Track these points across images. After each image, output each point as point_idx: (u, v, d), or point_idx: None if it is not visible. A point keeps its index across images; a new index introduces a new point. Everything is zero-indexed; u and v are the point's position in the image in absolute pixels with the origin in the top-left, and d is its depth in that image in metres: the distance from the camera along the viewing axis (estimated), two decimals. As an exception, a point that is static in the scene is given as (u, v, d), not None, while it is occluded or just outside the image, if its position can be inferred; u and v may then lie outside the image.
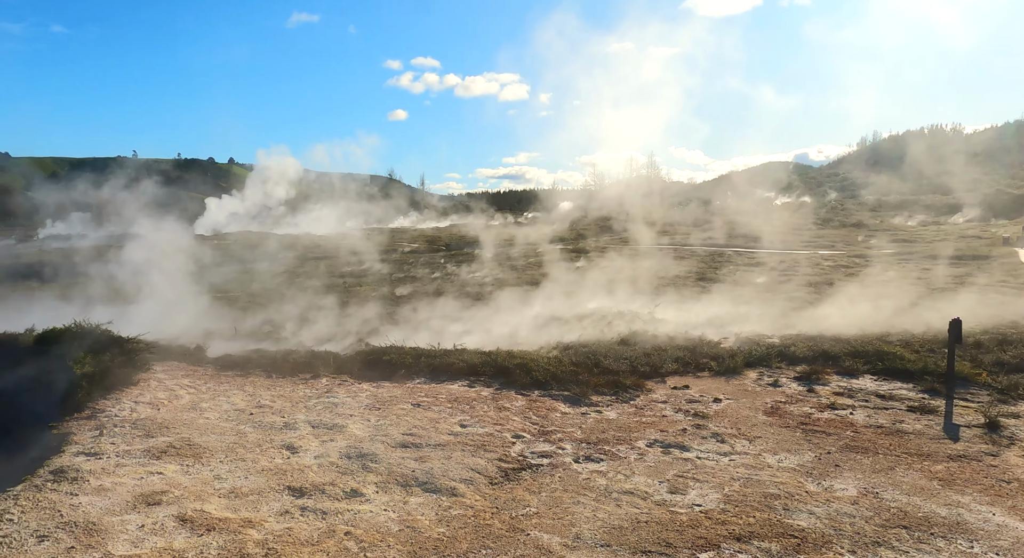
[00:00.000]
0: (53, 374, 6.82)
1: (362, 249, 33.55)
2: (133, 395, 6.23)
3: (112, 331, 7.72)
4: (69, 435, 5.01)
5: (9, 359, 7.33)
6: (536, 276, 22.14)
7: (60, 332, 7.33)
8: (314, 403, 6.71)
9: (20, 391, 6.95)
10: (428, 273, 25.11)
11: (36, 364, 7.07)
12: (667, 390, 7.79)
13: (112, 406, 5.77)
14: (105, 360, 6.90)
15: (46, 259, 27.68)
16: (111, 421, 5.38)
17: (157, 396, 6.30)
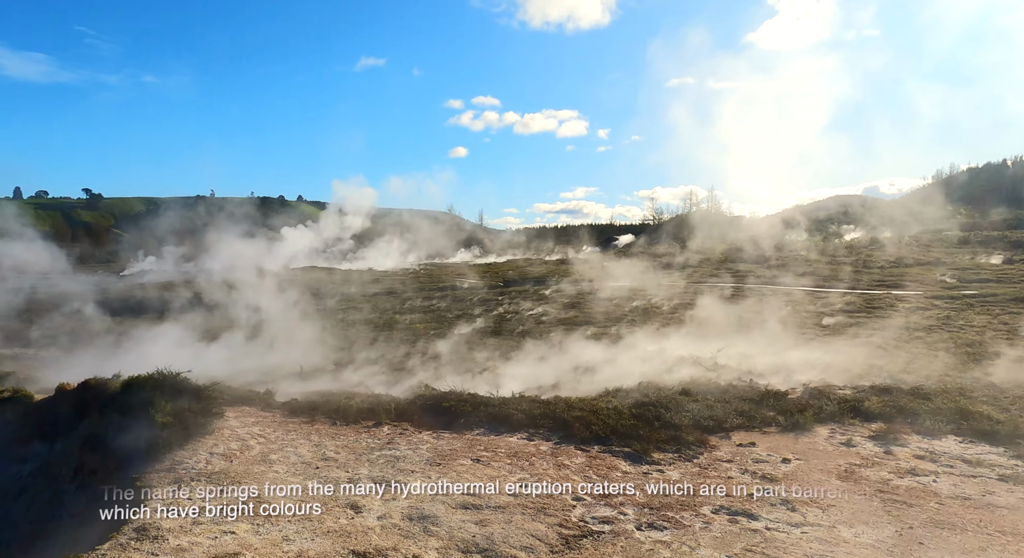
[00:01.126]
0: (137, 421, 7.22)
1: (422, 285, 34.24)
2: (208, 445, 6.53)
3: (190, 379, 8.13)
4: (151, 488, 5.29)
5: (100, 404, 7.82)
6: (595, 314, 22.00)
7: (144, 379, 7.79)
8: (376, 456, 6.84)
9: (109, 437, 7.38)
10: (485, 310, 25.32)
11: (123, 410, 7.51)
12: (732, 447, 7.54)
13: (189, 457, 6.07)
14: (183, 408, 7.27)
15: (129, 295, 29.47)
16: (188, 473, 5.66)
17: (230, 447, 6.58)
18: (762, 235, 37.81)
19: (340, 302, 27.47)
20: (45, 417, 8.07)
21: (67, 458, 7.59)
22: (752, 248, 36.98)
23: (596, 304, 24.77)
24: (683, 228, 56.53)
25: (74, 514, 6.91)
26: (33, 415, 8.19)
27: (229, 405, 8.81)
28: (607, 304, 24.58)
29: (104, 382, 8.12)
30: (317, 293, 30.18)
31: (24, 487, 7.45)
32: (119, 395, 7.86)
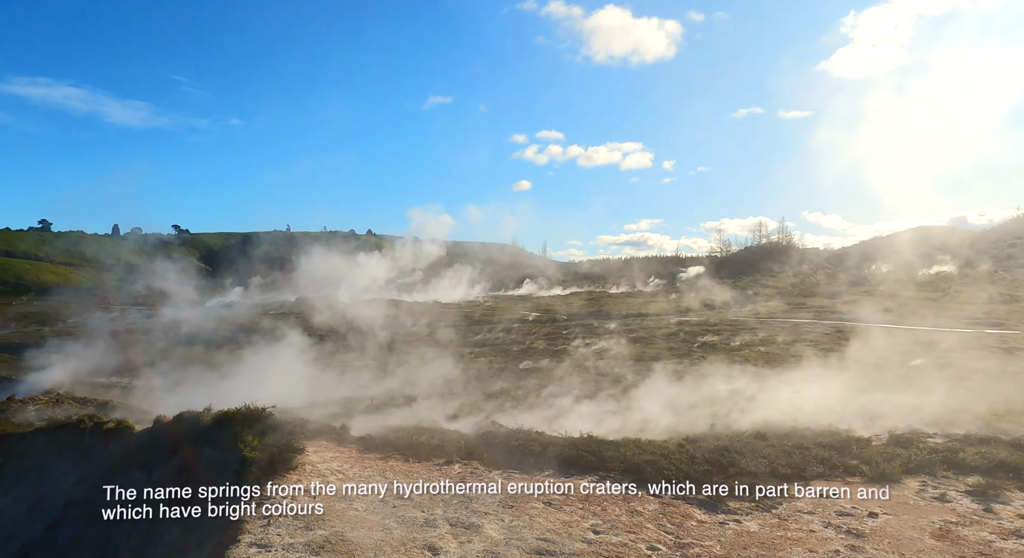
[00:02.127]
0: (227, 454, 7.65)
1: (487, 318, 34.63)
2: (292, 480, 6.84)
3: (274, 414, 8.55)
4: (243, 523, 5.59)
5: (192, 437, 8.33)
6: (663, 349, 21.64)
7: (232, 414, 8.26)
8: (450, 496, 6.97)
9: (201, 469, 7.84)
10: (549, 344, 25.34)
11: (214, 444, 7.98)
12: (813, 498, 7.25)
13: (276, 493, 6.39)
14: (269, 444, 7.64)
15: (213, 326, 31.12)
16: (276, 510, 5.95)
17: (313, 483, 6.88)
18: (839, 268, 36.33)
19: (407, 335, 28.11)
20: (144, 447, 8.65)
21: (163, 487, 8.06)
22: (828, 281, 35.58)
23: (664, 339, 24.37)
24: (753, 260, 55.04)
25: (169, 542, 7.34)
26: (133, 445, 8.79)
27: (308, 439, 9.17)
28: (675, 339, 24.14)
29: (196, 415, 8.65)
30: (386, 325, 31.02)
31: (123, 516, 7.96)
32: (210, 429, 8.34)
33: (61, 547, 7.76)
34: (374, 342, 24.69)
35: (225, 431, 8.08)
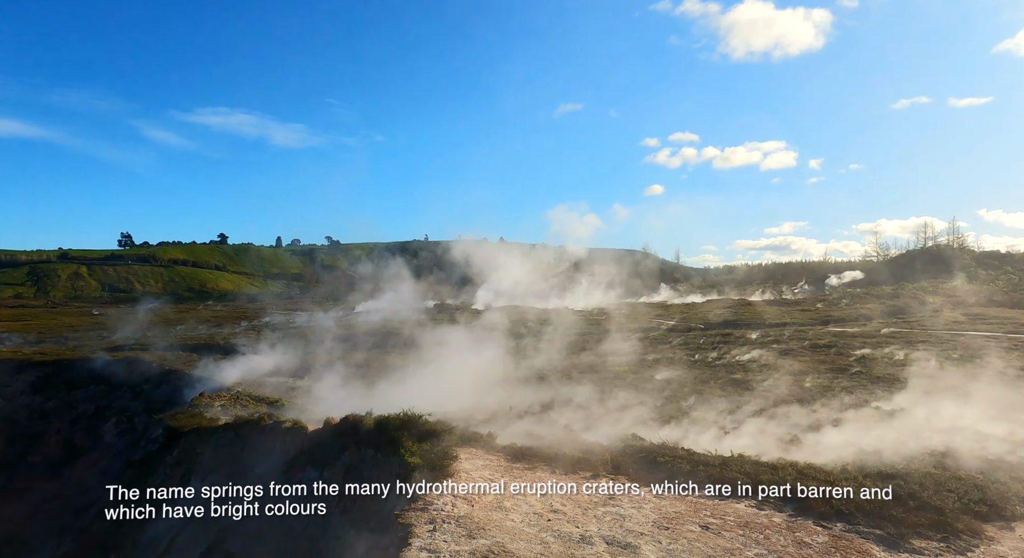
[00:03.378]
0: (388, 458, 8.18)
1: (619, 326, 34.13)
2: (450, 487, 7.17)
3: (430, 420, 9.01)
4: (411, 527, 5.95)
5: (357, 439, 9.00)
6: (813, 363, 20.11)
7: (392, 419, 8.83)
8: (602, 512, 6.94)
9: (365, 469, 8.45)
10: (687, 354, 24.45)
11: (376, 447, 8.57)
12: (1017, 541, 6.38)
13: (437, 499, 6.73)
14: (426, 449, 8.07)
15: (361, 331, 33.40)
16: (440, 515, 6.26)
17: (469, 490, 7.16)
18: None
19: (540, 342, 28.40)
20: (316, 446, 9.49)
21: (333, 485, 8.79)
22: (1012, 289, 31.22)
23: (813, 351, 22.65)
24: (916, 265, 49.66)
25: (338, 537, 7.98)
26: (307, 444, 9.67)
27: (458, 445, 9.56)
28: (827, 352, 22.34)
29: (360, 419, 9.33)
30: (518, 332, 31.60)
31: (300, 509, 8.76)
32: (372, 432, 8.96)
33: (251, 533, 8.71)
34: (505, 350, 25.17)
35: (385, 435, 8.64)
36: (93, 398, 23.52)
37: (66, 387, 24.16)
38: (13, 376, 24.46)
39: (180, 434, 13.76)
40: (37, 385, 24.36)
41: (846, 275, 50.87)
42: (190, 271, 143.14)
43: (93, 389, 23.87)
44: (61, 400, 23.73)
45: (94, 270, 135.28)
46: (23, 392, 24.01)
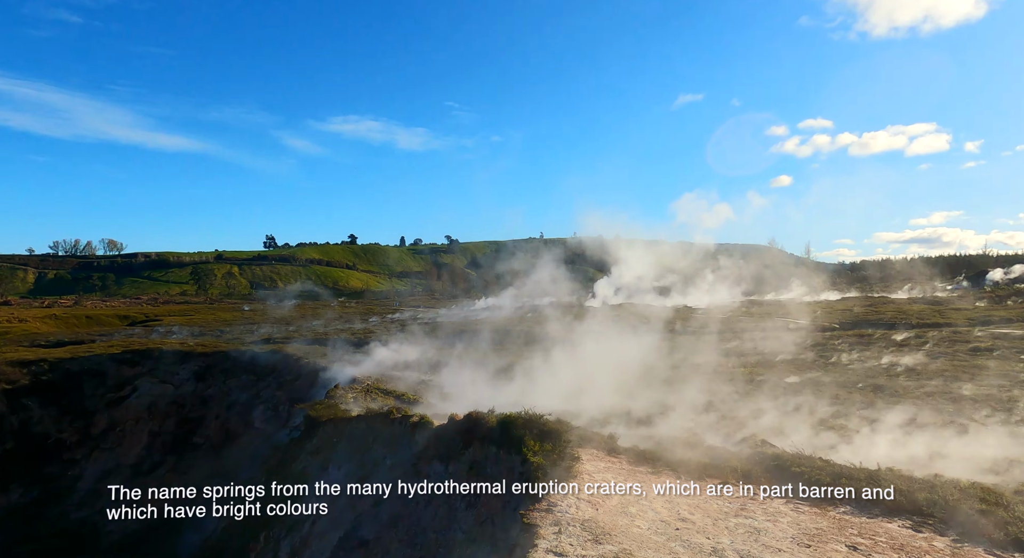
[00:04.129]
0: (511, 456, 8.29)
1: (744, 325, 32.43)
2: (573, 489, 7.12)
3: (551, 419, 9.02)
4: (536, 527, 5.98)
5: (480, 435, 9.20)
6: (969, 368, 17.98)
7: (514, 418, 8.93)
8: (734, 524, 6.59)
9: (488, 466, 8.62)
10: (819, 356, 22.76)
11: (498, 444, 8.71)
12: None
13: (560, 500, 6.71)
14: (548, 449, 8.09)
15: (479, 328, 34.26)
16: (564, 517, 6.24)
17: (592, 493, 7.08)
18: None
19: (661, 341, 27.62)
20: (441, 441, 9.82)
21: (458, 480, 9.05)
22: None
23: (972, 355, 20.27)
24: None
25: (465, 530, 8.19)
26: (433, 439, 10.04)
27: (579, 447, 9.49)
28: (988, 356, 19.89)
29: (482, 416, 9.53)
30: (638, 331, 30.92)
31: (429, 500, 9.13)
32: (494, 430, 9.12)
33: (384, 521, 9.19)
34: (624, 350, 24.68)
35: (508, 434, 8.75)
36: (244, 387, 25.96)
37: (223, 376, 26.85)
38: (180, 365, 27.55)
39: (319, 423, 14.81)
40: (199, 374, 27.28)
41: (1015, 269, 44.87)
42: (324, 270, 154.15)
43: (244, 379, 26.34)
44: (219, 388, 26.41)
45: (244, 269, 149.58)
46: (188, 380, 26.99)
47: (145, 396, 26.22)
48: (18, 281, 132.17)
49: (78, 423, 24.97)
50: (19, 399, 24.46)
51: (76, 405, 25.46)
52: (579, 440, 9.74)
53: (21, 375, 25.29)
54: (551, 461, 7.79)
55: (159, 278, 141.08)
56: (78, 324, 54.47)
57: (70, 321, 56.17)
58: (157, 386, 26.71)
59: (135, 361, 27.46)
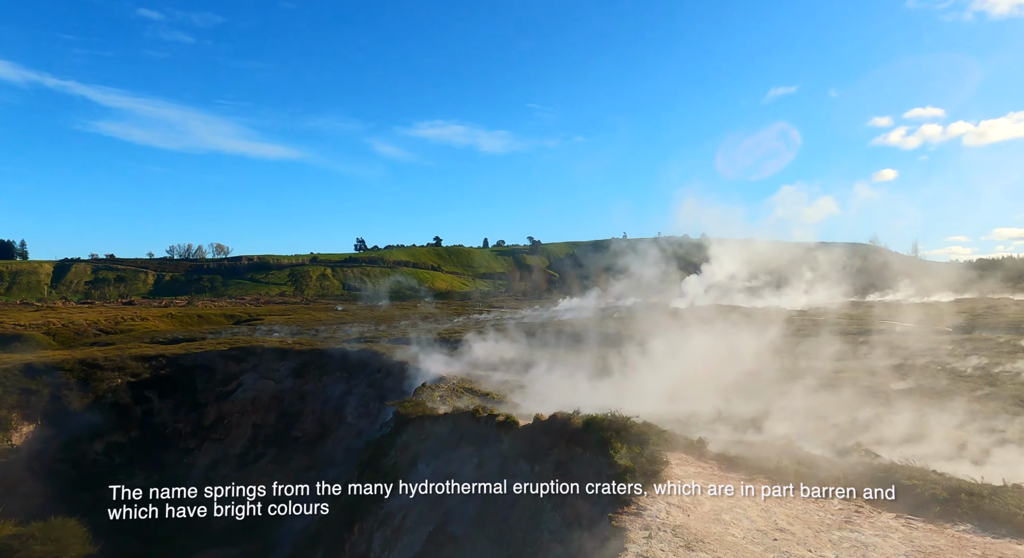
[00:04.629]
0: (597, 458, 8.19)
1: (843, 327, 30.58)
2: (662, 493, 6.94)
3: (638, 422, 8.85)
4: (625, 531, 5.88)
5: (566, 436, 9.16)
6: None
7: (600, 420, 8.82)
8: (837, 537, 6.21)
9: (574, 468, 8.56)
10: (931, 361, 21.09)
11: (584, 446, 8.64)
12: None
13: (650, 504, 6.56)
14: (636, 452, 7.93)
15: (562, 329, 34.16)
16: (654, 522, 6.10)
17: (682, 498, 6.87)
18: None
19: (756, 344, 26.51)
20: (527, 441, 9.86)
21: (544, 480, 9.05)
22: None
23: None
24: None
25: (552, 531, 8.18)
26: (518, 438, 10.10)
27: (667, 450, 9.24)
28: None
29: (568, 417, 9.48)
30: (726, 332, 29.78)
31: (516, 499, 9.18)
32: (580, 431, 9.05)
33: (472, 518, 9.34)
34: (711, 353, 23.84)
35: (594, 435, 8.66)
36: (338, 383, 27.17)
37: (318, 373, 28.22)
38: (280, 362, 29.20)
39: (408, 420, 15.25)
40: (297, 370, 28.80)
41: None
42: (411, 271, 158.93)
43: (338, 376, 27.57)
44: (315, 384, 27.78)
45: (336, 271, 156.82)
46: (287, 376, 28.57)
47: (249, 391, 27.98)
48: (140, 283, 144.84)
49: (191, 414, 26.99)
50: (142, 391, 26.74)
51: (189, 398, 27.53)
52: (668, 443, 9.50)
53: (143, 369, 27.64)
54: (639, 464, 7.63)
55: (260, 280, 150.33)
56: (191, 322, 58.98)
57: (184, 320, 60.90)
58: (260, 381, 28.43)
59: (240, 358, 29.37)
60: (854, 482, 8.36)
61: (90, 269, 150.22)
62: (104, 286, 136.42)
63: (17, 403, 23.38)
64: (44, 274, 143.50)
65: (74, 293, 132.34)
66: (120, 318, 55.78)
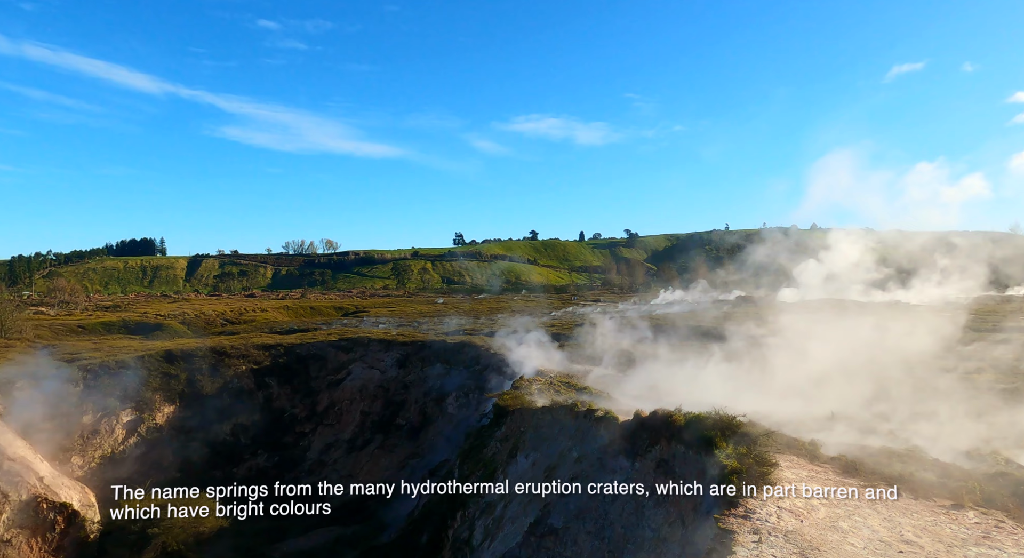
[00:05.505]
0: (700, 458, 7.97)
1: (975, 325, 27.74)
2: (773, 497, 6.64)
3: (744, 421, 8.50)
4: (732, 534, 5.68)
5: (668, 434, 8.97)
6: None
7: (704, 418, 8.55)
8: (974, 554, 5.68)
9: (676, 465, 8.38)
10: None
11: (687, 444, 8.43)
12: None
13: (759, 508, 6.29)
14: (742, 453, 7.64)
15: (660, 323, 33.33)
16: (764, 526, 5.85)
17: (795, 503, 6.54)
18: None
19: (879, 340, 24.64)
20: (627, 437, 9.75)
21: (644, 477, 8.93)
22: None
23: None
24: None
25: (653, 529, 8.05)
26: (618, 434, 10.00)
27: (776, 451, 8.82)
28: None
29: (670, 414, 9.27)
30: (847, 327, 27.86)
31: (616, 495, 9.12)
32: (682, 429, 8.82)
33: (571, 512, 9.37)
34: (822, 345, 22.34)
35: (697, 433, 8.42)
36: (439, 375, 28.09)
37: (420, 364, 29.30)
38: (385, 353, 30.56)
39: (507, 412, 15.50)
40: (400, 361, 30.04)
41: None
42: (507, 265, 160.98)
43: (439, 367, 28.50)
44: (417, 375, 28.87)
45: (436, 265, 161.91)
46: (392, 366, 29.86)
47: (357, 379, 29.51)
48: (260, 276, 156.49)
49: (306, 400, 28.85)
50: (263, 378, 28.90)
51: (304, 385, 29.43)
52: (777, 445, 9.07)
53: (264, 357, 29.84)
54: (746, 465, 7.34)
55: (366, 273, 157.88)
56: (304, 314, 62.99)
57: (298, 311, 65.14)
58: (367, 371, 29.91)
59: (349, 348, 31.00)
60: (992, 493, 7.63)
61: (217, 264, 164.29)
62: (229, 279, 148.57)
63: (160, 386, 25.97)
64: (180, 268, 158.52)
65: (204, 286, 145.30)
66: (243, 309, 60.52)
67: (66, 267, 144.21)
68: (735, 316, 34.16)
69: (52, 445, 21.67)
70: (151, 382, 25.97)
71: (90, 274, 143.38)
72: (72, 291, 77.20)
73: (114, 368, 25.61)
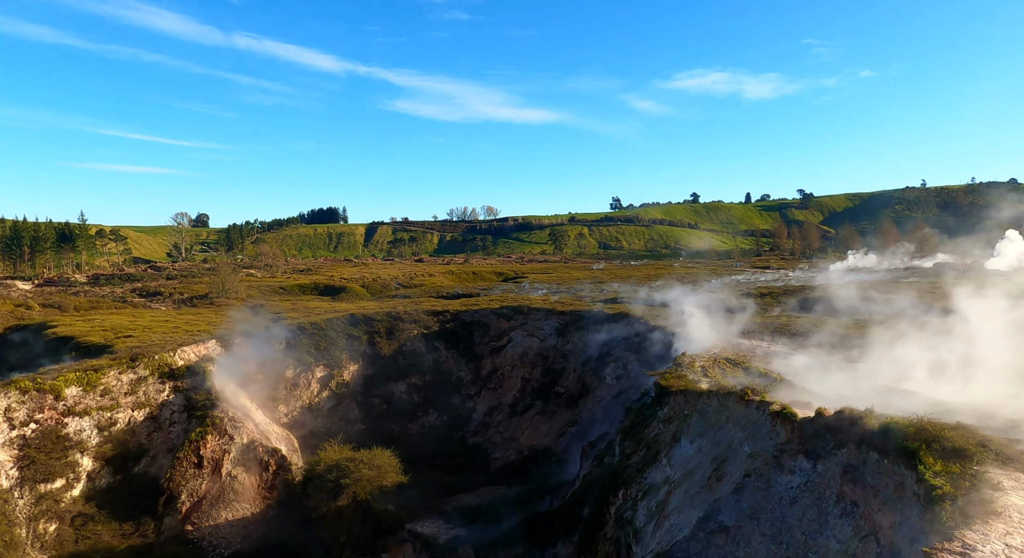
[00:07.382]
0: (897, 472, 7.15)
1: None
2: (999, 529, 5.75)
3: (954, 433, 7.44)
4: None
5: (855, 439, 8.14)
6: None
7: (903, 425, 7.61)
8: None
9: (867, 473, 7.60)
10: None
11: (881, 452, 7.59)
12: None
13: (981, 544, 5.48)
14: (955, 472, 6.71)
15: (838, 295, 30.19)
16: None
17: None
18: None
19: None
20: (808, 437, 9.00)
21: (829, 481, 8.22)
22: None
23: None
24: None
25: (840, 541, 7.41)
26: (796, 431, 9.27)
27: (996, 467, 7.63)
28: None
29: (860, 415, 8.39)
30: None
31: (795, 498, 8.52)
32: (876, 434, 7.95)
33: (744, 510, 8.93)
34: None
35: (895, 443, 7.54)
36: (597, 345, 28.09)
37: (578, 333, 29.51)
38: (544, 321, 31.19)
39: (669, 392, 15.09)
40: (559, 329, 30.49)
41: None
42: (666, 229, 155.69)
43: (597, 337, 28.49)
44: (575, 344, 29.14)
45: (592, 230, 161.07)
46: (550, 334, 30.43)
47: (518, 347, 30.48)
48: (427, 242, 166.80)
49: (471, 364, 30.44)
50: (432, 342, 30.91)
51: (469, 350, 31.03)
52: (995, 458, 7.83)
53: (433, 322, 31.85)
54: (959, 487, 6.45)
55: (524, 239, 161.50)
56: (467, 279, 66.18)
57: (462, 276, 68.57)
58: (527, 339, 30.76)
59: (510, 316, 32.03)
60: None
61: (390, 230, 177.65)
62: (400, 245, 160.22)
63: (345, 347, 28.85)
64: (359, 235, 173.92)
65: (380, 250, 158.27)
66: (413, 274, 65.00)
67: (268, 234, 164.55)
68: (928, 287, 29.91)
69: (263, 395, 25.08)
70: (338, 342, 28.92)
71: (287, 240, 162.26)
72: (274, 256, 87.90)
73: (308, 329, 28.85)
